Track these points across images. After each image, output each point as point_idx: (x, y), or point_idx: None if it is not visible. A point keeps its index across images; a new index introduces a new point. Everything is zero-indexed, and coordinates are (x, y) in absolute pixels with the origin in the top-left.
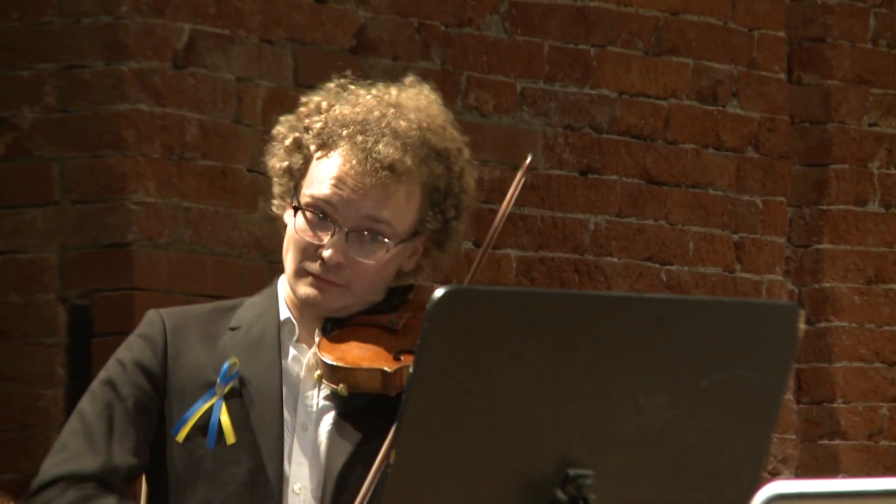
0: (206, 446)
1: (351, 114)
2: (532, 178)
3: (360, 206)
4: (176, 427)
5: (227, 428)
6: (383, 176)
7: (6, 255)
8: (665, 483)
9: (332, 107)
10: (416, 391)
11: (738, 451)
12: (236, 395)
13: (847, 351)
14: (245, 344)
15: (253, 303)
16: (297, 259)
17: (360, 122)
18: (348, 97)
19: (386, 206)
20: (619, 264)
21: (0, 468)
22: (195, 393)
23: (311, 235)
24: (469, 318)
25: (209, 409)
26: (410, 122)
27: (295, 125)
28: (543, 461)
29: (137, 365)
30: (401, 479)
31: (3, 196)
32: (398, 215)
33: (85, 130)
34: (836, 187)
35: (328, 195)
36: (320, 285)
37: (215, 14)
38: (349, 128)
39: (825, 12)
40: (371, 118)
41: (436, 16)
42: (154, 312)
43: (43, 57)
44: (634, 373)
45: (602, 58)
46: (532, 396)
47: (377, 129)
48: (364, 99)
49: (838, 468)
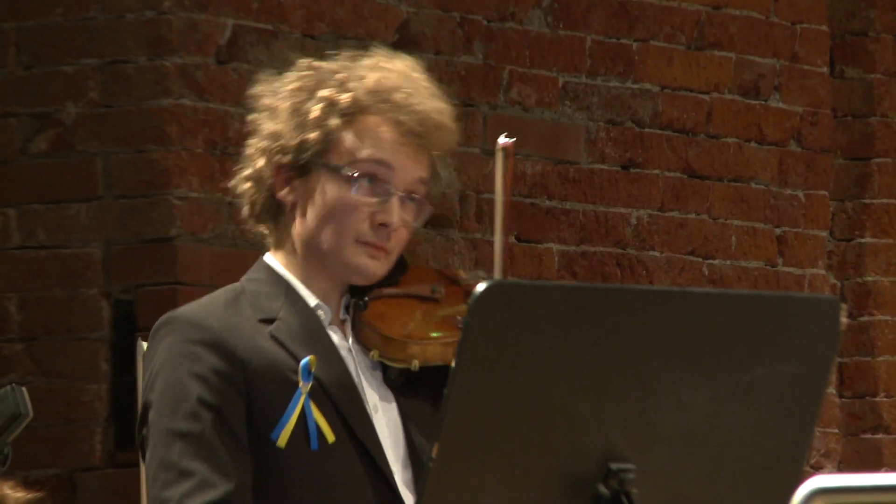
0: (310, 448)
1: (384, 78)
2: (574, 172)
3: (415, 169)
4: (275, 432)
5: (324, 427)
6: (425, 137)
7: (50, 250)
8: (707, 477)
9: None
10: (457, 385)
11: (781, 446)
12: (318, 392)
13: (890, 345)
14: (296, 336)
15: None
16: (351, 228)
17: (397, 83)
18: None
19: (423, 169)
20: (662, 258)
21: (44, 463)
22: (277, 392)
23: (371, 204)
24: (511, 312)
25: (301, 410)
26: (432, 90)
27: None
28: (585, 456)
29: (217, 374)
30: (442, 473)
31: (47, 191)
32: (425, 181)
33: (128, 125)
34: (878, 181)
35: (390, 162)
36: (376, 253)
37: (258, 9)
38: (390, 87)
39: (868, 6)
40: (404, 82)
41: (478, 10)
42: (188, 314)
43: (86, 52)
44: (677, 367)
45: (644, 52)
46: (574, 391)
47: (415, 90)
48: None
49: (881, 462)
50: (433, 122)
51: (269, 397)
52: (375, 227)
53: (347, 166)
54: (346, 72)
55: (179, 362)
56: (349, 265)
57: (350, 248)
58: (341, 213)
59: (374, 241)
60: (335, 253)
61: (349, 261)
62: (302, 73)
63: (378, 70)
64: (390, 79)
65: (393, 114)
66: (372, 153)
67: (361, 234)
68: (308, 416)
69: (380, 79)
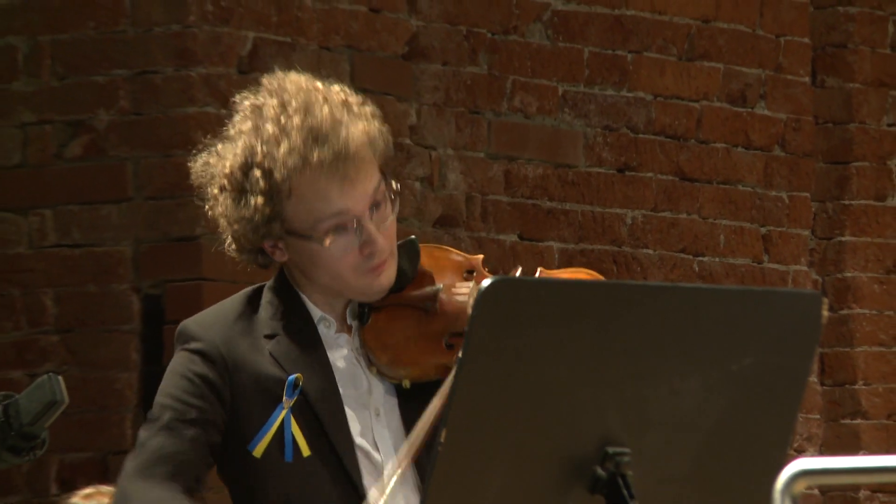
0: (284, 460)
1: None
2: (573, 175)
3: (364, 191)
4: (252, 443)
5: (300, 440)
6: (361, 156)
7: (84, 248)
8: (698, 460)
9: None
10: (464, 375)
11: (767, 430)
12: (302, 407)
13: (867, 336)
14: (292, 354)
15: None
16: (353, 269)
17: (307, 138)
18: (264, 125)
19: (372, 172)
20: (655, 256)
21: (78, 446)
22: (260, 406)
23: (353, 247)
24: (513, 306)
25: (280, 423)
26: (327, 101)
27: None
28: (584, 440)
29: (203, 380)
30: (450, 457)
31: (81, 193)
32: (375, 171)
33: (156, 132)
34: (857, 184)
35: (342, 208)
36: (381, 270)
37: (277, 23)
38: (305, 149)
39: (847, 20)
40: (311, 125)
41: (483, 24)
42: (195, 327)
43: (117, 63)
44: (669, 357)
45: (638, 63)
46: (573, 380)
47: (324, 129)
48: (283, 120)
49: (859, 446)
50: (352, 147)
51: (252, 410)
52: (366, 256)
53: (311, 231)
54: (259, 147)
55: (176, 366)
56: (366, 293)
57: (358, 281)
58: (334, 265)
59: (371, 266)
60: (347, 289)
61: (364, 290)
62: (225, 161)
63: (282, 130)
64: (297, 138)
65: (317, 168)
66: (324, 211)
67: (359, 267)
68: (286, 429)
69: (290, 145)
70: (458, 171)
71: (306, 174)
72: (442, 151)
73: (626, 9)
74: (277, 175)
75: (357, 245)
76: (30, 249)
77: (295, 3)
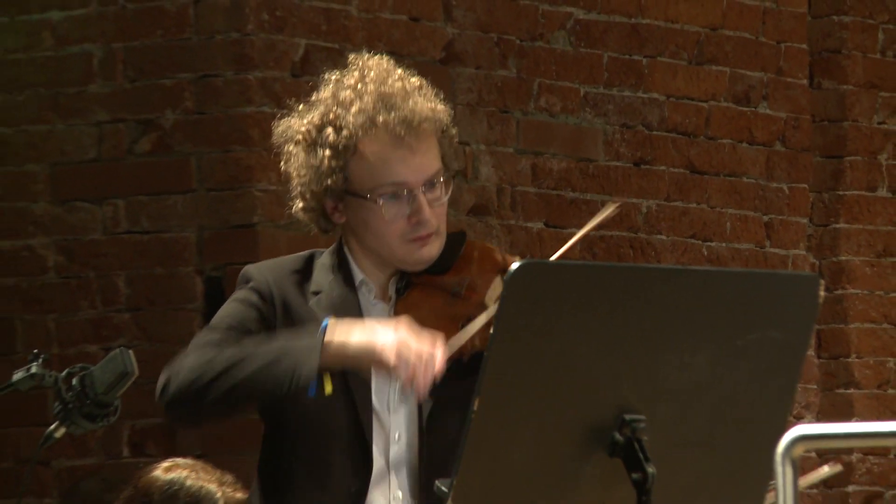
0: (307, 395)
1: (366, 102)
2: (594, 168)
3: (422, 162)
4: None
5: (326, 380)
6: (424, 129)
7: (152, 234)
8: (706, 426)
9: (339, 109)
10: (495, 349)
11: (769, 399)
12: None
13: (860, 314)
14: (330, 307)
15: (322, 264)
16: (399, 236)
17: (377, 98)
18: (342, 91)
19: (433, 153)
20: (667, 241)
21: (148, 414)
22: None
23: (403, 215)
24: (540, 287)
25: None
26: (401, 78)
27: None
28: (603, 409)
29: (256, 310)
30: (482, 424)
31: (150, 185)
32: (437, 159)
33: (217, 129)
34: (850, 176)
35: (399, 177)
36: (426, 241)
37: (326, 31)
38: (372, 108)
39: (841, 28)
40: (380, 98)
41: (512, 31)
42: (255, 270)
43: (182, 68)
44: (680, 333)
45: (652, 67)
46: (593, 354)
47: (392, 95)
48: (359, 86)
49: (852, 413)
50: (417, 118)
51: None
52: (413, 225)
53: (369, 194)
54: (335, 109)
55: (234, 299)
56: (406, 261)
57: (401, 249)
58: (383, 229)
59: (418, 235)
60: (391, 255)
61: (405, 258)
62: (304, 120)
63: (357, 95)
64: (369, 101)
65: (382, 131)
66: (382, 175)
67: (405, 235)
68: None
69: (361, 106)
70: (490, 165)
71: (371, 135)
72: (475, 147)
73: (642, 18)
74: (346, 132)
75: (406, 213)
76: (104, 236)
77: (342, 13)
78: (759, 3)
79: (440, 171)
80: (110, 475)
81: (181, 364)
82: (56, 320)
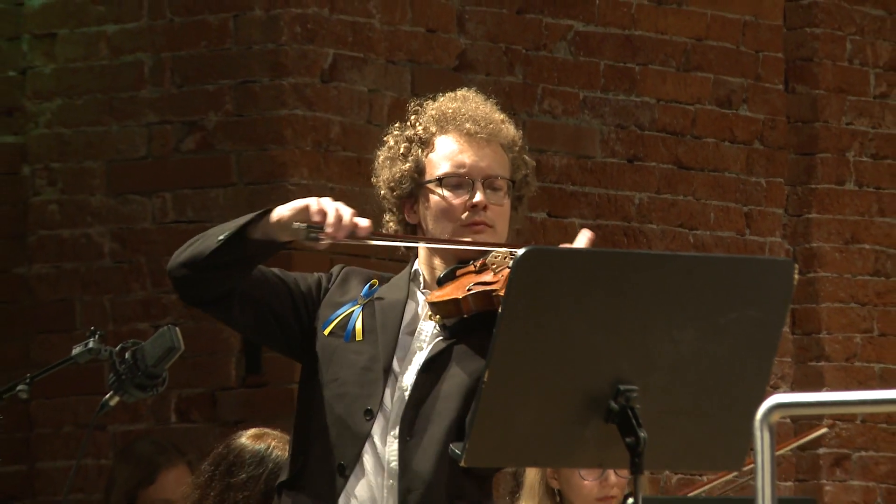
0: (342, 339)
1: (444, 106)
2: (591, 164)
3: (485, 160)
4: (324, 324)
5: (358, 329)
6: (489, 130)
7: (196, 223)
8: (692, 395)
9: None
10: (503, 326)
11: (749, 371)
12: (371, 307)
13: (830, 295)
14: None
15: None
16: (454, 218)
17: (456, 106)
18: (429, 105)
19: (499, 160)
20: (658, 230)
21: (193, 384)
22: (345, 301)
23: (459, 196)
24: (544, 270)
25: (350, 313)
26: (484, 101)
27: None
28: (600, 379)
29: (309, 279)
30: (492, 392)
31: (194, 180)
32: (503, 166)
33: (255, 130)
34: (821, 171)
35: (461, 161)
36: (478, 229)
37: (352, 42)
38: (451, 111)
39: (813, 39)
40: (462, 99)
41: (519, 42)
42: (340, 267)
43: (223, 75)
44: (669, 312)
45: (644, 73)
46: (591, 330)
47: (470, 104)
48: (444, 98)
49: (823, 383)
50: (485, 120)
51: (333, 309)
52: (471, 209)
53: (436, 179)
54: (417, 113)
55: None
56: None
57: (458, 234)
58: (444, 212)
59: (473, 221)
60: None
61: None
62: (392, 131)
63: (440, 102)
64: (447, 104)
65: (453, 126)
66: (449, 162)
67: (463, 220)
68: (353, 316)
69: (439, 107)
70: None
71: (445, 130)
72: None
73: (634, 30)
74: (421, 130)
75: (464, 198)
76: (153, 225)
77: (367, 25)
78: (739, 16)
79: (503, 177)
80: (160, 438)
81: None
82: (111, 300)
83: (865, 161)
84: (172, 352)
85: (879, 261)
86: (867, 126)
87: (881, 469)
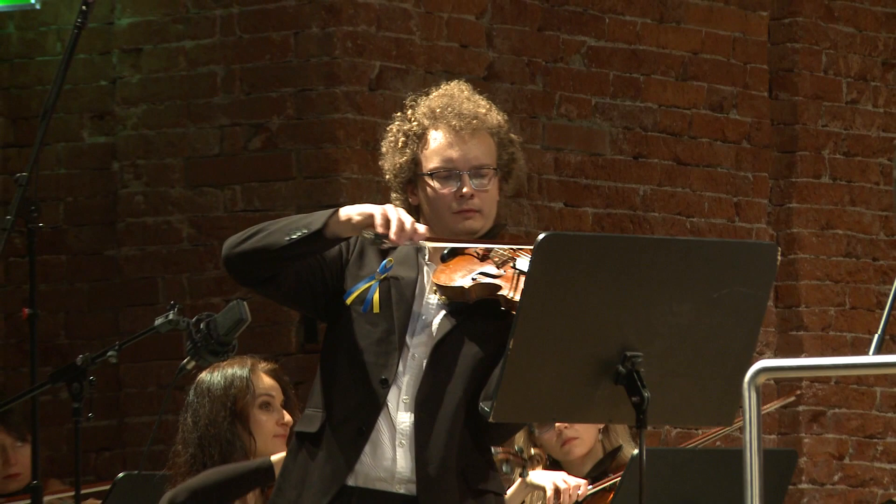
0: (361, 310)
1: (434, 103)
2: (602, 161)
3: (472, 151)
4: (347, 294)
5: (375, 301)
6: (473, 125)
7: (262, 212)
8: (689, 360)
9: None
10: (526, 300)
11: (738, 340)
12: (387, 282)
13: (808, 273)
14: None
15: None
16: (446, 206)
17: (444, 102)
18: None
19: (485, 149)
20: (659, 218)
21: (259, 350)
22: (364, 275)
23: (448, 187)
24: (561, 253)
25: (369, 287)
26: (469, 93)
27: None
28: (609, 347)
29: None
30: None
31: (260, 174)
32: (489, 153)
33: (312, 131)
34: (801, 167)
35: (448, 156)
36: (468, 215)
37: (396, 55)
38: (439, 108)
39: (793, 53)
40: (449, 95)
41: (540, 55)
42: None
43: (285, 83)
44: (669, 288)
45: (648, 82)
46: (601, 304)
47: (456, 101)
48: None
49: (802, 350)
50: (470, 115)
51: (360, 275)
52: (459, 198)
53: (430, 172)
54: (413, 108)
55: None
56: (455, 230)
57: (450, 219)
58: (438, 201)
59: (463, 208)
60: (444, 225)
61: (454, 227)
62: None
63: (431, 99)
64: (437, 101)
65: (442, 121)
66: (439, 157)
67: (453, 207)
68: (371, 290)
69: (429, 104)
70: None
71: (434, 126)
72: None
73: (639, 45)
74: (416, 125)
75: (454, 187)
76: (225, 213)
77: (408, 41)
78: (729, 33)
79: (489, 165)
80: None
81: None
82: (188, 278)
83: (839, 158)
84: (241, 323)
85: (851, 244)
86: (840, 128)
87: (852, 424)
